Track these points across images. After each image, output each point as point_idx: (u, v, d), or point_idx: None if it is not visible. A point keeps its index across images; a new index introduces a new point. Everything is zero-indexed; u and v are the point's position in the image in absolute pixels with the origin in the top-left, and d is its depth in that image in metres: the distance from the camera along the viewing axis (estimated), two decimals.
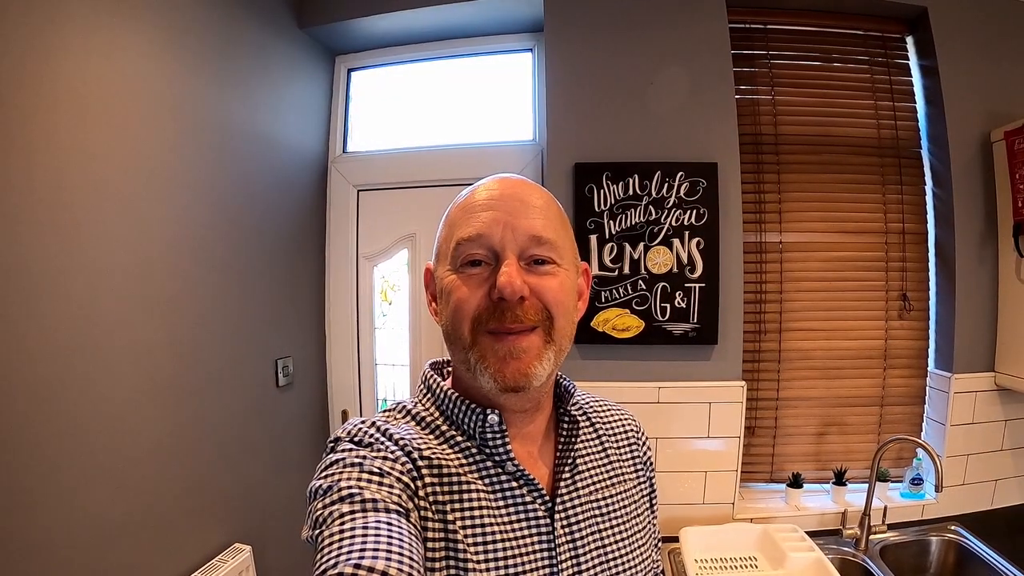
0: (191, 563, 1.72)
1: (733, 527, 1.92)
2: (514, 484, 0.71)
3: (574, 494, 0.74)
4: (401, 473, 0.65)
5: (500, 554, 0.66)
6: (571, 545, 0.71)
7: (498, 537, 0.67)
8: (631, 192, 1.99)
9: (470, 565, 0.64)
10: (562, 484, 0.74)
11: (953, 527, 2.00)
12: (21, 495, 1.26)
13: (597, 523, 0.75)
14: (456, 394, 0.74)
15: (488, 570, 0.65)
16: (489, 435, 0.71)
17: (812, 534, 1.85)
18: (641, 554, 0.78)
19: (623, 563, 0.75)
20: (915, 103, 2.18)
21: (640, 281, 2.00)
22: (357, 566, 0.52)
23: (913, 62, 2.18)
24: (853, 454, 2.18)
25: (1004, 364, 2.01)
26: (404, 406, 0.77)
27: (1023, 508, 2.08)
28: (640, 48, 2.04)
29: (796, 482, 2.09)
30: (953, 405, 2.03)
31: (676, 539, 1.88)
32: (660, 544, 0.87)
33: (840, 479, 2.08)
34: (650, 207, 1.99)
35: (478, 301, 0.68)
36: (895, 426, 2.18)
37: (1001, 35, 2.05)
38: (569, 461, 0.76)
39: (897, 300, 2.17)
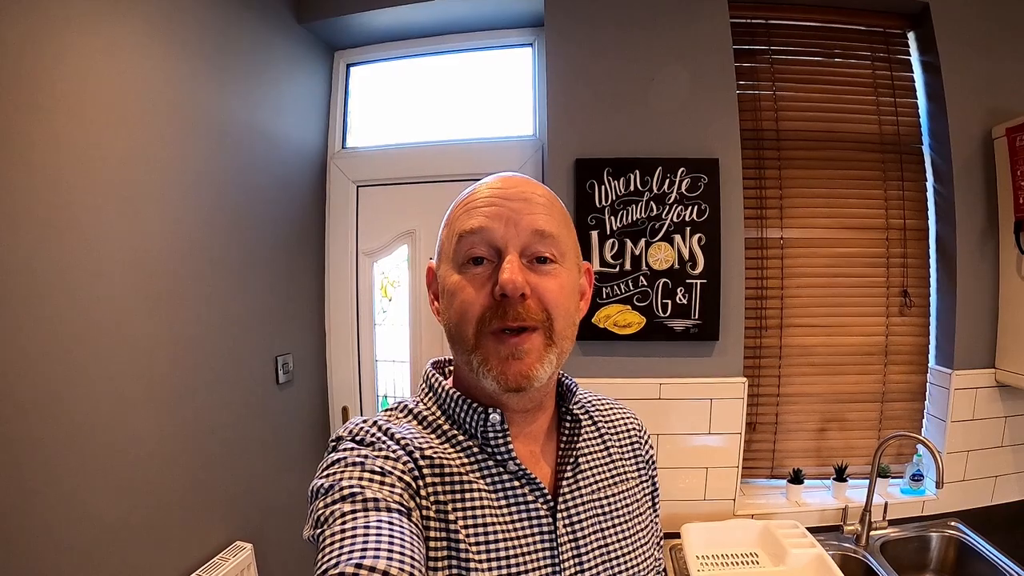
0: (193, 561, 1.72)
1: (734, 523, 1.93)
2: (516, 483, 0.70)
3: (576, 493, 0.74)
4: (403, 472, 0.65)
5: (502, 553, 0.66)
6: (573, 544, 0.71)
7: (500, 536, 0.67)
8: (632, 188, 1.99)
9: (472, 564, 0.64)
10: (564, 483, 0.74)
11: (953, 523, 2.00)
12: (22, 494, 1.26)
13: (599, 522, 0.74)
14: (458, 393, 0.74)
15: (490, 569, 0.64)
16: (491, 434, 0.70)
17: (813, 530, 1.86)
18: (643, 552, 0.78)
19: (625, 562, 0.74)
20: (916, 99, 2.17)
21: (641, 277, 1.99)
22: (359, 566, 0.52)
23: (915, 58, 2.17)
24: (854, 450, 2.19)
25: (1004, 361, 2.01)
26: (406, 405, 0.77)
27: (1023, 504, 2.09)
28: (641, 43, 2.03)
29: (797, 478, 2.10)
30: (953, 401, 2.03)
31: (677, 535, 1.88)
32: (662, 542, 0.86)
33: (841, 475, 2.08)
34: (651, 203, 1.99)
35: (482, 302, 0.67)
36: (895, 422, 2.18)
37: (1003, 31, 2.04)
38: (571, 460, 0.76)
39: (898, 296, 2.17)
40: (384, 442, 0.68)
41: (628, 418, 0.89)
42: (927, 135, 2.16)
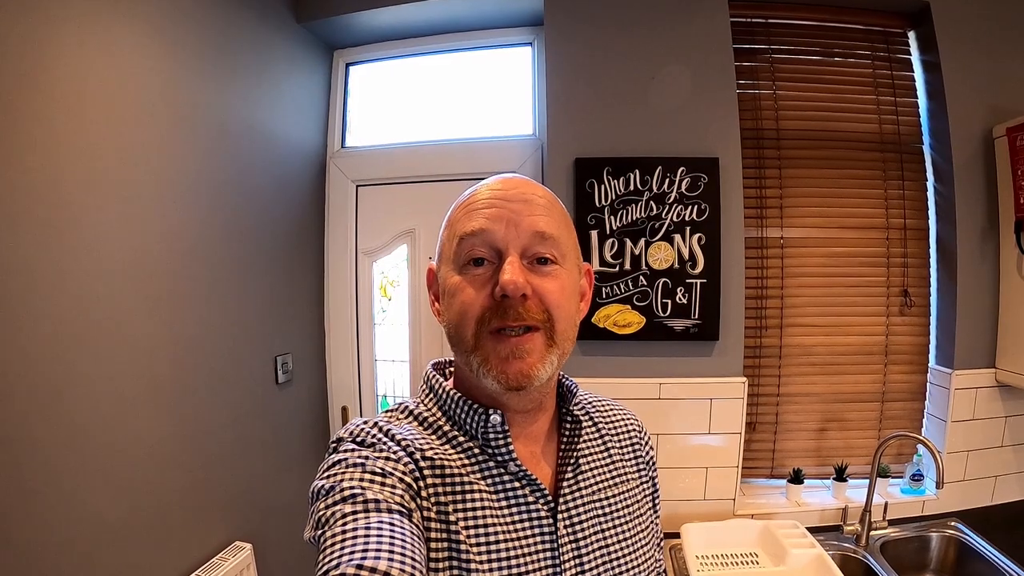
0: (192, 561, 1.72)
1: (734, 523, 1.92)
2: (516, 484, 0.70)
3: (577, 494, 0.74)
4: (403, 474, 0.65)
5: (503, 554, 0.66)
6: (574, 545, 0.71)
7: (501, 538, 0.66)
8: (632, 187, 1.99)
9: (472, 566, 0.64)
10: (565, 484, 0.74)
11: (953, 523, 2.00)
12: (22, 495, 1.25)
13: (600, 523, 0.74)
14: (458, 394, 0.73)
15: (491, 571, 0.64)
16: (491, 435, 0.70)
17: (813, 530, 1.85)
18: (644, 554, 0.78)
19: (626, 563, 0.74)
20: (917, 98, 2.17)
21: (641, 277, 1.99)
22: (359, 567, 0.52)
23: (915, 57, 2.17)
24: (854, 450, 2.19)
25: (1005, 360, 2.00)
26: (406, 406, 0.77)
27: (1023, 504, 2.09)
28: (641, 43, 2.03)
29: (797, 478, 2.10)
30: (954, 401, 2.02)
31: (677, 535, 1.88)
32: (662, 543, 0.86)
33: (841, 475, 2.08)
34: (651, 202, 1.98)
35: (482, 302, 0.67)
36: (896, 422, 2.18)
37: (1003, 30, 2.04)
38: (572, 461, 0.76)
39: (898, 296, 2.16)
40: (385, 443, 0.68)
41: (628, 419, 0.89)
42: (927, 134, 2.15)
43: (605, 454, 0.81)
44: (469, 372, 0.70)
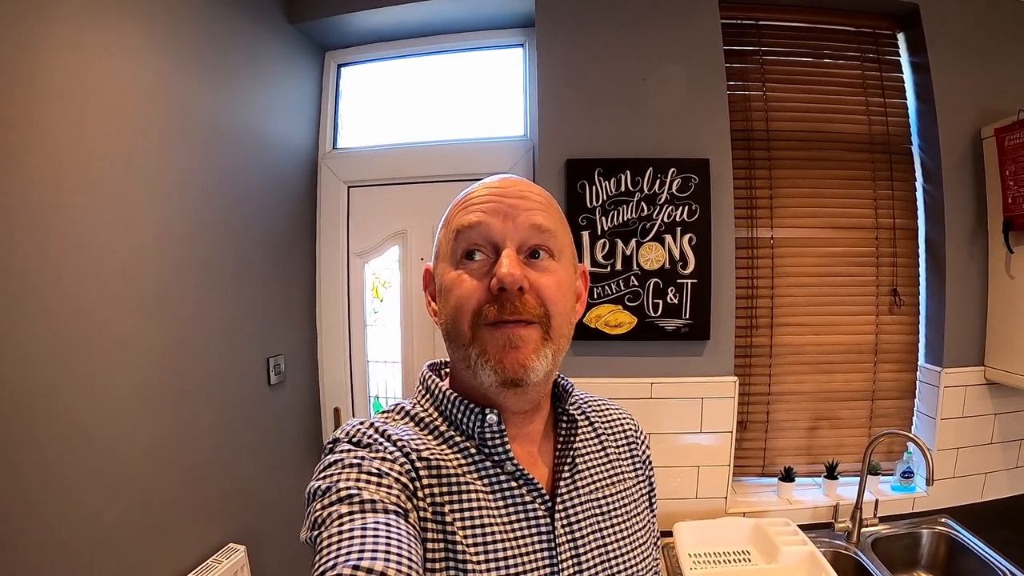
0: (186, 563, 1.71)
1: (726, 521, 1.93)
2: (513, 484, 0.70)
3: (574, 493, 0.74)
4: (400, 474, 0.65)
5: (500, 554, 0.66)
6: (571, 544, 0.71)
7: (498, 537, 0.66)
8: (623, 188, 1.99)
9: (470, 566, 0.64)
10: (562, 484, 0.74)
11: (944, 520, 2.01)
12: (17, 496, 1.25)
13: (597, 522, 0.74)
14: (455, 394, 0.73)
15: (488, 571, 0.64)
16: (488, 435, 0.70)
17: (804, 527, 1.87)
18: (641, 552, 0.78)
19: (624, 562, 0.74)
20: (906, 99, 2.19)
21: (632, 277, 2.00)
22: (356, 567, 0.52)
23: (904, 59, 2.19)
24: (844, 448, 2.20)
25: (993, 358, 2.03)
26: (402, 407, 0.77)
27: (1013, 500, 2.11)
28: (632, 44, 2.04)
29: (788, 476, 2.10)
30: (943, 399, 2.04)
31: (670, 534, 1.89)
32: (659, 542, 0.87)
33: (832, 473, 2.10)
34: (642, 203, 1.99)
35: (479, 296, 0.67)
36: (886, 420, 2.20)
37: (992, 32, 2.06)
38: (568, 460, 0.76)
39: (888, 295, 2.18)
40: (381, 444, 0.68)
41: (624, 418, 0.89)
42: (916, 135, 2.17)
43: (602, 453, 0.81)
44: (466, 369, 0.70)
